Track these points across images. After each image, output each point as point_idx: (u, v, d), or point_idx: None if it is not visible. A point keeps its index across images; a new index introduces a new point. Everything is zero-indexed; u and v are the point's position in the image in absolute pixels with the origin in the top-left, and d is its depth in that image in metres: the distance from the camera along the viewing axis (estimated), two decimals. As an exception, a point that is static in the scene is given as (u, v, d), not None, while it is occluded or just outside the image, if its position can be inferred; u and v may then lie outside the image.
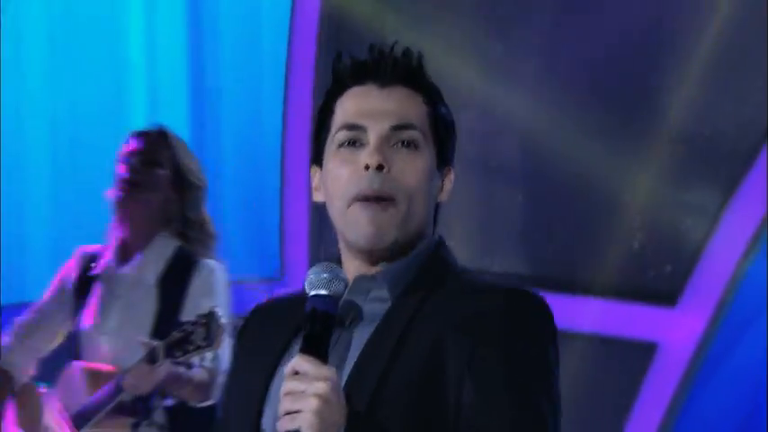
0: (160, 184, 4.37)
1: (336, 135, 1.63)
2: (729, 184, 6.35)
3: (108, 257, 4.39)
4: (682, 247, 6.49)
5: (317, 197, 1.71)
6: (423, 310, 1.58)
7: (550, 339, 1.60)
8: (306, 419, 1.39)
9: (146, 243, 4.34)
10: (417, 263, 1.64)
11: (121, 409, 4.12)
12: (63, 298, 4.43)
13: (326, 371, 1.43)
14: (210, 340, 3.89)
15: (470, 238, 6.62)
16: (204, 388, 4.15)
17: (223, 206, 7.30)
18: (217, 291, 4.29)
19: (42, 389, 4.43)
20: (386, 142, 1.59)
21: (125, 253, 4.37)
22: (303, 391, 1.40)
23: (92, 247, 4.50)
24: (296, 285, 1.93)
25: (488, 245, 6.79)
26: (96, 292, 4.35)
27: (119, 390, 4.00)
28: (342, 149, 1.62)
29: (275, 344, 1.70)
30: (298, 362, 1.45)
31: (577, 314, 6.56)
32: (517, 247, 6.88)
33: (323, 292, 1.52)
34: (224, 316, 4.05)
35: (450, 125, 1.73)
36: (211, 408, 4.22)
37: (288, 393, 1.43)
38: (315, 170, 1.73)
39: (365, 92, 1.65)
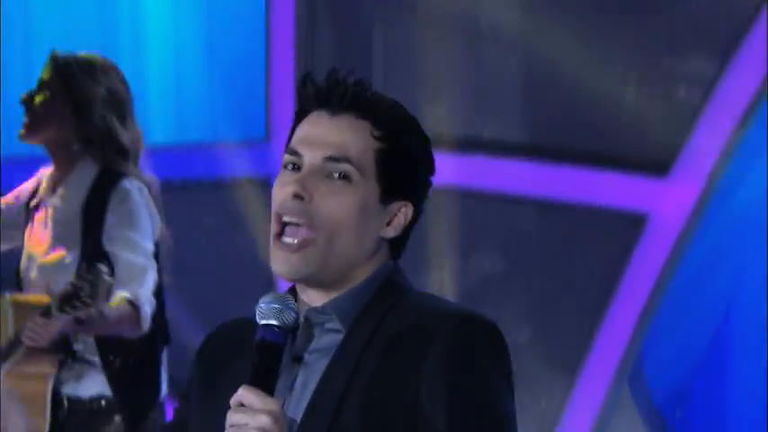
0: (47, 115, 4.49)
1: (284, 157, 1.73)
2: (726, 50, 6.25)
3: (41, 187, 4.55)
4: (675, 116, 6.43)
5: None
6: (375, 341, 1.65)
7: (499, 367, 1.64)
8: None
9: (68, 171, 4.46)
10: (367, 292, 1.70)
11: (45, 349, 4.28)
12: (18, 213, 4.62)
13: (271, 403, 1.50)
14: (94, 297, 4.05)
15: (460, 104, 6.57)
16: (129, 321, 4.27)
17: (206, 66, 7.35)
18: (134, 215, 4.41)
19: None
20: (318, 172, 1.65)
21: (54, 182, 4.49)
22: (246, 424, 1.47)
23: (48, 171, 4.65)
24: (281, 147, 1.90)
25: (479, 111, 6.71)
26: (33, 220, 4.53)
27: (17, 342, 4.22)
28: (285, 171, 1.71)
29: (235, 386, 1.64)
30: (243, 393, 1.51)
31: (568, 183, 6.62)
32: (508, 114, 6.79)
33: (273, 322, 1.58)
34: (134, 253, 4.31)
35: (410, 159, 1.74)
36: (149, 338, 4.42)
37: (232, 426, 1.49)
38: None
39: (317, 118, 1.72)
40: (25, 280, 4.53)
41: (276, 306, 1.59)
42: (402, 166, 1.70)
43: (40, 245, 4.50)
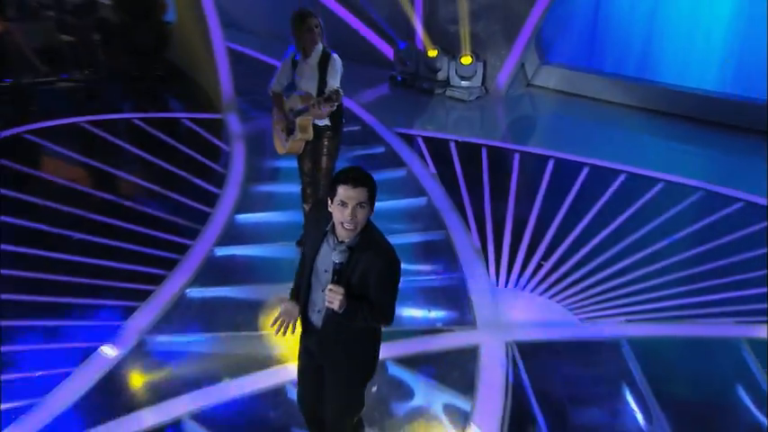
0: (318, 35, 4.77)
1: (337, 201, 2.42)
2: None
3: (300, 57, 4.80)
4: None
5: (329, 208, 2.50)
6: (360, 260, 2.48)
7: (398, 281, 2.55)
8: (336, 305, 2.43)
9: (312, 51, 4.77)
10: (359, 236, 2.49)
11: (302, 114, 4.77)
12: (288, 68, 4.87)
13: (342, 289, 2.43)
14: (337, 100, 4.60)
15: None
16: (329, 106, 4.64)
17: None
18: (336, 71, 4.75)
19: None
20: (355, 207, 2.40)
21: (305, 54, 4.76)
22: (335, 296, 2.41)
23: (292, 51, 4.85)
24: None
25: None
26: (299, 68, 4.84)
27: (305, 108, 4.73)
28: (338, 206, 2.42)
29: (317, 237, 2.60)
30: (332, 286, 2.45)
31: None
32: None
33: (338, 260, 2.46)
34: (333, 85, 4.69)
35: (374, 194, 2.48)
36: (338, 108, 4.78)
37: (329, 294, 2.42)
38: (329, 199, 2.49)
39: (347, 188, 2.42)
40: (298, 88, 4.83)
41: (340, 255, 2.45)
42: (373, 197, 2.45)
43: (301, 76, 4.81)
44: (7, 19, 7.70)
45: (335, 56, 4.74)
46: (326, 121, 4.80)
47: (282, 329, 2.60)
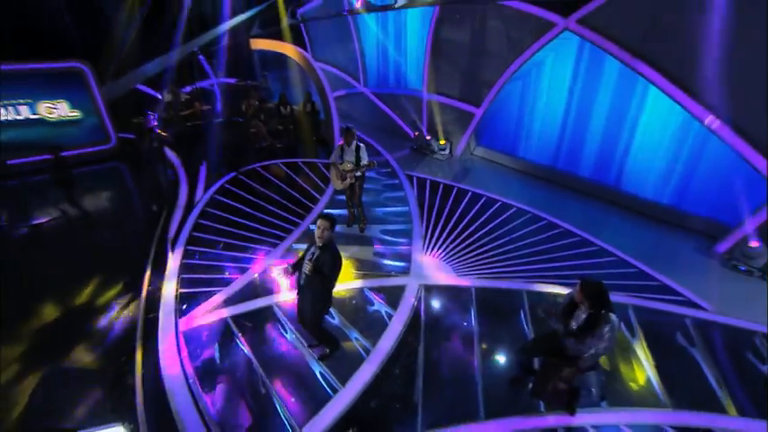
0: (354, 137, 3.85)
1: (315, 225, 1.89)
2: None
3: (345, 146, 3.96)
4: None
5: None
6: (323, 255, 2.00)
7: (340, 266, 2.00)
8: (307, 270, 1.98)
9: (352, 143, 3.97)
10: (325, 244, 2.02)
11: (352, 171, 3.81)
12: (339, 150, 4.05)
13: (312, 264, 2.06)
14: (370, 167, 3.93)
15: None
16: (364, 169, 3.99)
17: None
18: (364, 153, 3.96)
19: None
20: (323, 230, 1.91)
21: (348, 144, 3.95)
22: (308, 265, 1.99)
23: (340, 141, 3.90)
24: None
25: None
26: (345, 151, 4.01)
27: (352, 170, 3.88)
28: (316, 228, 1.95)
29: (310, 246, 2.24)
30: (307, 263, 1.99)
31: None
32: None
33: (312, 251, 1.95)
34: (366, 160, 3.92)
35: (334, 225, 1.81)
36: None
37: (306, 265, 2.01)
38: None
39: (320, 220, 1.87)
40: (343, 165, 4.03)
41: (315, 249, 1.90)
42: (333, 225, 1.98)
43: (347, 156, 4.02)
44: (259, 120, 7.48)
45: (362, 145, 4.05)
46: (359, 174, 4.20)
47: (281, 274, 2.40)
